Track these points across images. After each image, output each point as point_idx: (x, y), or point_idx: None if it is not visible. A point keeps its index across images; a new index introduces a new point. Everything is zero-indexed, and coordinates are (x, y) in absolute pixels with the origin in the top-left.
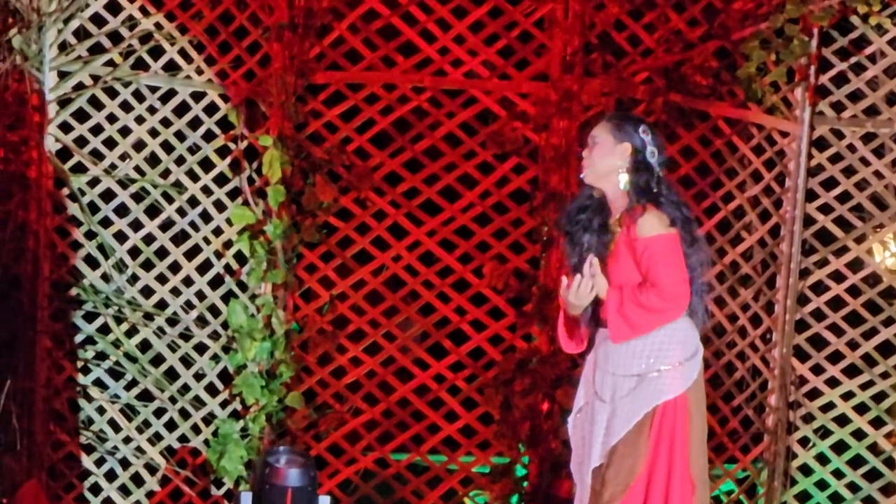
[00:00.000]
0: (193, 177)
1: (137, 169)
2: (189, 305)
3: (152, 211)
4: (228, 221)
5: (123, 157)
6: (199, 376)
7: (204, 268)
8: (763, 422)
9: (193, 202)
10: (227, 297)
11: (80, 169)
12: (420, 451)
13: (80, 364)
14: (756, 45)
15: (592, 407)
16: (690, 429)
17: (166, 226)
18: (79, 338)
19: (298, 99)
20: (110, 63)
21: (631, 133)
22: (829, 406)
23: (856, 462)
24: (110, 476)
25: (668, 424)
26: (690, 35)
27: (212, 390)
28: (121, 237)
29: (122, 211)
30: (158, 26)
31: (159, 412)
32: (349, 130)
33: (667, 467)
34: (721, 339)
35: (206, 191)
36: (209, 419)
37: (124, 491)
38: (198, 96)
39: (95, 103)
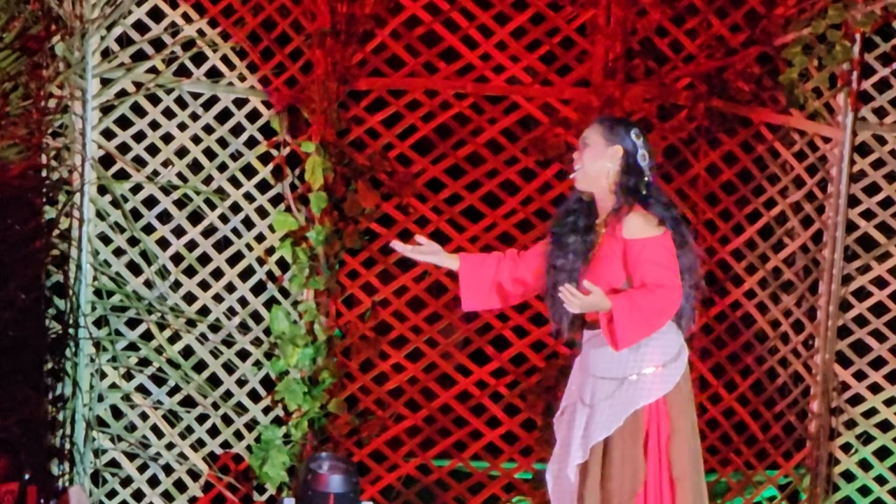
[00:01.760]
0: (236, 183)
1: (180, 175)
2: (231, 312)
3: (195, 217)
4: (271, 228)
5: (166, 163)
6: (241, 382)
7: (246, 274)
8: (805, 428)
9: (236, 208)
10: (270, 303)
11: (122, 175)
12: (462, 458)
13: (122, 370)
14: (798, 50)
15: (573, 408)
16: (672, 432)
17: (209, 232)
18: (121, 344)
19: (341, 105)
20: (153, 70)
21: (622, 136)
22: (871, 412)
23: None
24: (153, 482)
25: (653, 428)
26: (732, 41)
27: (254, 396)
28: (163, 243)
29: (164, 217)
30: (201, 33)
31: (202, 418)
32: (391, 137)
33: (656, 471)
34: (763, 345)
35: (249, 197)
36: (252, 425)
37: (167, 497)
38: (240, 103)
39: (138, 110)
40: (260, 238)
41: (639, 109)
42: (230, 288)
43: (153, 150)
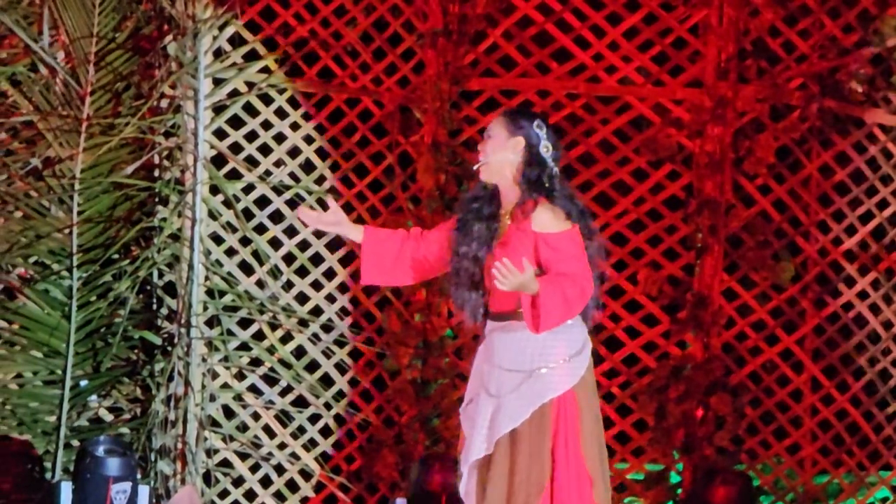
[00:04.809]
0: (348, 183)
1: (292, 175)
2: (344, 312)
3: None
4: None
5: (278, 163)
6: (353, 382)
7: (359, 274)
8: None
9: (348, 209)
10: (382, 303)
11: (234, 175)
12: None
13: (234, 370)
14: None
15: (478, 400)
16: (581, 425)
17: (321, 232)
18: (233, 344)
19: (453, 105)
20: (265, 70)
21: (525, 127)
22: None
23: None
24: (265, 482)
25: (563, 422)
26: (845, 41)
27: (366, 397)
28: (275, 243)
29: (276, 217)
30: (313, 33)
31: (314, 418)
32: None
33: (565, 465)
34: (876, 347)
35: (361, 197)
36: (364, 425)
37: (279, 497)
38: (352, 103)
39: (250, 110)
40: None
41: (751, 110)
42: (343, 288)
43: (265, 149)
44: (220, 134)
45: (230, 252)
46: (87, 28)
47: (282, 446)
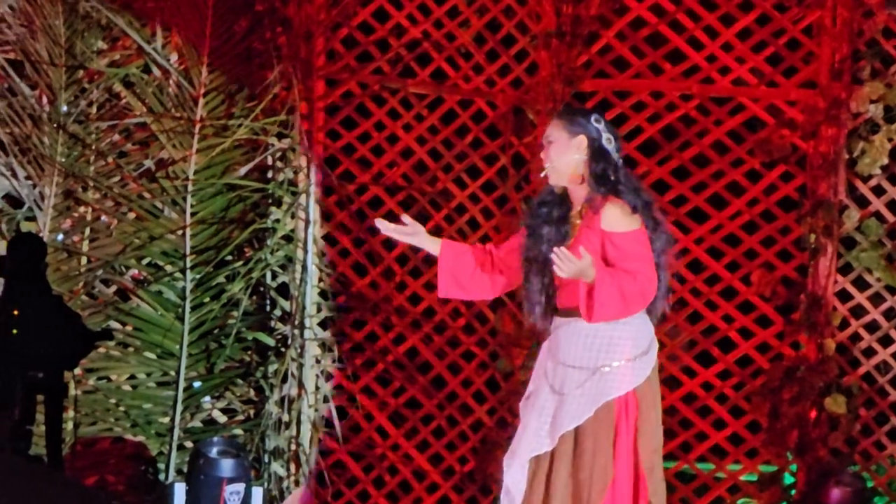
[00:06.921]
0: (461, 184)
1: (405, 176)
2: (457, 313)
3: (420, 219)
4: (496, 229)
5: (391, 164)
6: (466, 383)
7: None
8: None
9: (461, 210)
10: (495, 304)
11: (348, 176)
12: (688, 459)
13: (348, 371)
14: None
15: (540, 394)
16: (640, 423)
17: (434, 233)
18: (347, 345)
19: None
20: (378, 71)
21: (584, 124)
22: None
23: None
24: (378, 483)
25: (624, 419)
26: None
27: (479, 398)
28: (389, 244)
29: (390, 218)
30: (426, 34)
31: (427, 419)
32: None
33: (624, 462)
34: None
35: (474, 198)
36: (477, 426)
37: (392, 498)
38: (465, 104)
39: (363, 111)
40: (484, 239)
41: (865, 111)
42: None
43: (378, 151)
44: (333, 135)
45: (343, 253)
46: (201, 30)
47: (395, 447)
